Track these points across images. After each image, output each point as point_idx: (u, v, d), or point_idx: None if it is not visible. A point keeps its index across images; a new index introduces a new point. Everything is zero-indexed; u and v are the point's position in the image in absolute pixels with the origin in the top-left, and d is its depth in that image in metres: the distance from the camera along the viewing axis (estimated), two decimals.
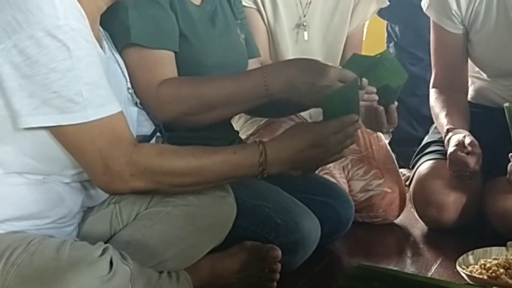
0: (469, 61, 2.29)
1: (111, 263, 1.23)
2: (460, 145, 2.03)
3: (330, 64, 1.65)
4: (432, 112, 2.28)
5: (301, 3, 2.19)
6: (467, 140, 2.03)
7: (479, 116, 2.22)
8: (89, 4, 1.41)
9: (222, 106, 1.67)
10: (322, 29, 2.23)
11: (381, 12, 2.79)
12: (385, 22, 2.93)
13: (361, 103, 1.63)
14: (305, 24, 2.20)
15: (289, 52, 2.19)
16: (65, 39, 1.26)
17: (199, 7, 1.81)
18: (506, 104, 1.85)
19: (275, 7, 2.16)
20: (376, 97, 1.72)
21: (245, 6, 2.06)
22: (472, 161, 2.01)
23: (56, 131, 1.29)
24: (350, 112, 1.48)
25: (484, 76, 2.27)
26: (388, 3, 2.35)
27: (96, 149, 1.30)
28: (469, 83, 2.32)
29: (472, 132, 2.10)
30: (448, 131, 2.11)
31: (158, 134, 1.55)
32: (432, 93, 2.29)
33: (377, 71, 1.68)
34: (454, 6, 2.16)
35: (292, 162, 1.45)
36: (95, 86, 1.29)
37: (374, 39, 3.13)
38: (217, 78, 1.70)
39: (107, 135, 1.30)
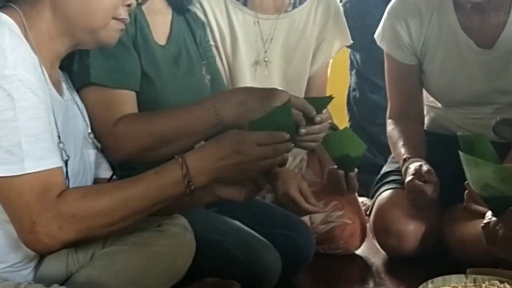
0: (424, 91, 2.32)
1: None
2: (417, 173, 2.05)
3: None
4: (389, 142, 2.31)
5: (262, 39, 2.19)
6: (424, 169, 2.05)
7: (435, 145, 2.25)
8: (48, 50, 1.41)
9: (177, 138, 1.66)
10: (283, 66, 2.23)
11: None
12: (349, 50, 2.97)
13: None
14: (266, 60, 2.20)
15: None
16: (10, 89, 1.26)
17: (164, 47, 1.82)
18: (460, 133, 1.88)
19: (235, 43, 2.16)
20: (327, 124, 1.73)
21: None
22: (429, 189, 2.03)
23: None
24: None
25: (439, 105, 2.31)
26: (352, 41, 2.37)
27: (25, 204, 1.27)
28: (425, 112, 2.36)
29: (428, 160, 2.13)
30: (405, 160, 2.14)
31: (114, 177, 1.54)
32: (389, 123, 2.32)
33: (337, 142, 1.72)
34: (406, 38, 2.20)
35: (216, 171, 1.42)
36: (36, 139, 1.28)
37: (338, 67, 3.17)
38: (170, 111, 1.69)
39: (38, 189, 1.28)
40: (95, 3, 1.44)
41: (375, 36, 2.29)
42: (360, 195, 2.46)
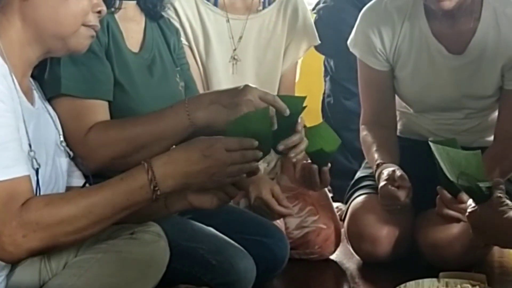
0: (397, 96, 2.34)
1: None
2: (390, 179, 2.07)
3: None
4: (363, 148, 2.32)
5: (232, 37, 2.22)
6: (397, 174, 2.07)
7: (407, 150, 2.27)
8: (19, 58, 1.41)
9: (150, 143, 1.65)
10: (255, 65, 2.26)
11: (317, 47, 2.85)
12: (323, 56, 2.98)
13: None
14: (236, 57, 2.23)
15: (222, 86, 2.20)
16: None
17: (137, 55, 1.81)
18: (431, 139, 1.89)
19: (208, 42, 2.19)
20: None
21: None
22: (402, 194, 2.05)
23: None
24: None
25: (411, 110, 2.33)
26: (319, 41, 2.40)
27: None
28: (397, 117, 2.37)
29: (401, 166, 2.15)
30: (378, 166, 2.15)
31: (87, 185, 1.54)
32: (362, 129, 2.34)
33: (312, 136, 1.72)
34: (378, 44, 2.22)
35: (185, 175, 1.41)
36: (3, 148, 1.27)
37: (313, 74, 3.18)
38: (142, 116, 1.69)
39: (4, 198, 1.27)
40: (64, 9, 1.44)
41: (348, 42, 2.30)
42: (335, 201, 2.48)
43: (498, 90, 2.19)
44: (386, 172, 2.09)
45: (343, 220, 2.30)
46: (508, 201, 1.60)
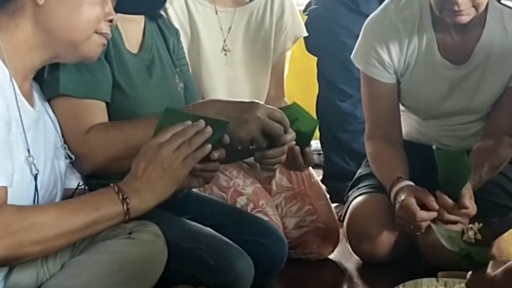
0: None
1: None
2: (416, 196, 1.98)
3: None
4: (371, 165, 2.24)
5: (222, 28, 2.24)
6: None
7: (410, 152, 2.25)
8: (23, 62, 1.41)
9: None
10: (245, 56, 2.28)
11: (309, 48, 2.84)
12: (315, 58, 2.97)
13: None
14: (225, 48, 2.24)
15: (214, 78, 2.21)
16: None
17: (136, 56, 1.81)
18: (434, 147, 1.88)
19: (197, 35, 2.21)
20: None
21: None
22: (424, 215, 1.96)
23: None
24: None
25: (414, 116, 2.31)
26: (307, 33, 2.42)
27: None
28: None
29: None
30: (397, 180, 2.06)
31: (81, 186, 1.54)
32: (368, 145, 2.26)
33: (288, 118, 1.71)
34: (386, 58, 2.16)
35: (144, 184, 1.41)
36: None
37: (307, 75, 3.18)
38: (143, 119, 1.68)
39: None
40: (78, 16, 1.45)
41: (352, 56, 2.25)
42: (332, 202, 2.47)
43: None
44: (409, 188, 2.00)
45: (342, 220, 2.29)
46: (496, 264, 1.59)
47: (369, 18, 2.23)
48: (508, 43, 2.11)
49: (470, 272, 1.62)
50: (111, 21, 1.51)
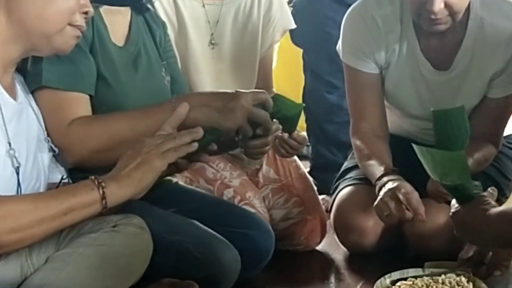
0: None
1: None
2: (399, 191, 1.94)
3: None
4: (357, 159, 2.20)
5: (209, 22, 2.23)
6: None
7: (393, 142, 2.24)
8: (0, 55, 1.39)
9: (133, 139, 1.60)
10: (233, 50, 2.27)
11: (295, 40, 2.83)
12: (301, 50, 2.97)
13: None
14: (213, 42, 2.23)
15: (202, 72, 2.21)
16: None
17: (122, 49, 1.79)
18: (433, 108, 1.85)
19: (184, 28, 2.19)
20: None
21: None
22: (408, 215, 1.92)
23: None
24: None
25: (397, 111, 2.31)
26: (295, 25, 2.41)
27: None
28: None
29: None
30: (382, 175, 2.02)
31: (65, 180, 1.53)
32: (355, 139, 2.21)
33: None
34: (368, 50, 2.14)
35: (121, 171, 1.41)
36: None
37: (292, 68, 3.17)
38: (127, 112, 1.68)
39: None
40: (51, 7, 1.44)
41: (337, 48, 2.24)
42: (321, 193, 2.47)
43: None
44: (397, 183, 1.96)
45: (329, 211, 2.29)
46: (491, 201, 1.60)
47: (350, 9, 2.21)
48: (487, 52, 2.09)
49: (454, 204, 1.63)
50: (86, 13, 1.50)
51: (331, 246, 2.29)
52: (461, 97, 2.13)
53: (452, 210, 1.65)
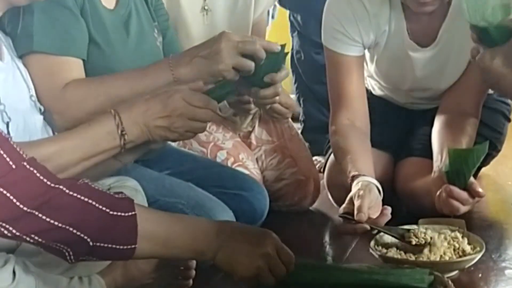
0: None
1: (14, 273, 1.20)
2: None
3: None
4: (334, 154, 2.11)
5: None
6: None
7: (384, 105, 2.24)
8: None
9: (130, 99, 1.62)
10: (226, 15, 2.24)
11: (282, 2, 2.81)
12: (287, 11, 2.94)
13: None
14: (206, 8, 2.20)
15: (193, 39, 2.17)
16: None
17: (113, 11, 1.76)
18: (448, 149, 1.86)
19: None
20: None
21: None
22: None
23: None
24: None
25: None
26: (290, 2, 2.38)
27: None
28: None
29: (378, 118, 2.14)
30: (353, 178, 1.92)
31: None
32: (334, 131, 2.10)
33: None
34: (354, 34, 2.10)
35: (147, 125, 1.44)
36: None
37: (279, 29, 3.15)
38: (124, 72, 1.67)
39: None
40: None
41: (322, 38, 2.18)
42: (314, 154, 2.47)
43: None
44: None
45: (323, 172, 2.29)
46: None
47: None
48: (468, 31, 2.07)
49: (477, 49, 1.63)
50: None
51: (325, 206, 2.29)
52: (449, 70, 2.13)
53: (479, 55, 1.63)
